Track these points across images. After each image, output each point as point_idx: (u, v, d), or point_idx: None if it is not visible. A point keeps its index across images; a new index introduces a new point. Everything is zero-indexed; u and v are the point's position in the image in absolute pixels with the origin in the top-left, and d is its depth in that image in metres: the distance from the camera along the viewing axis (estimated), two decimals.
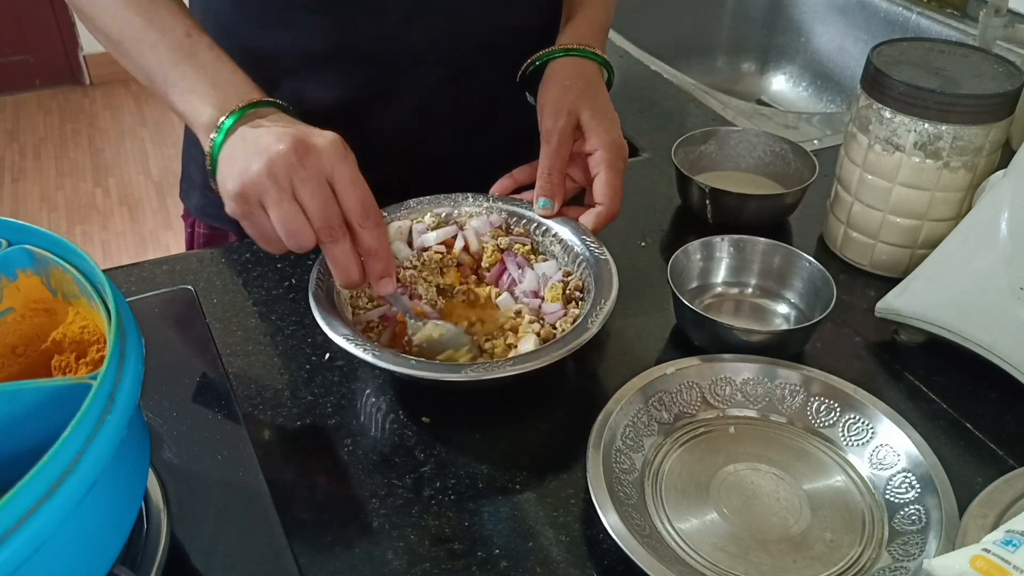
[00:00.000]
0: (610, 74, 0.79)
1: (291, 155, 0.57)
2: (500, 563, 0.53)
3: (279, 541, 0.54)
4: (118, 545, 0.45)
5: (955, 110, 0.69)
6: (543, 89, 0.75)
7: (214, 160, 0.62)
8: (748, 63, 1.54)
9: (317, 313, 0.62)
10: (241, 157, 0.59)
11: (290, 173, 0.57)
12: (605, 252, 0.69)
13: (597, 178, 0.71)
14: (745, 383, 0.63)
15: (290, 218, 0.58)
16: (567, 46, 0.76)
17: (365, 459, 0.60)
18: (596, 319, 0.62)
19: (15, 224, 0.51)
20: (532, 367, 0.59)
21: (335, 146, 0.59)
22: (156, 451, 0.59)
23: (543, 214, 0.73)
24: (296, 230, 0.58)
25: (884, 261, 0.78)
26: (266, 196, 0.58)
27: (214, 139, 0.61)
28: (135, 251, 2.59)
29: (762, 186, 0.88)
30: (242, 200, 0.59)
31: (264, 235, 0.60)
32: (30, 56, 3.35)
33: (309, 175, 0.58)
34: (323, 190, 0.58)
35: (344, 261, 0.60)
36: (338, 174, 0.59)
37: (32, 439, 0.42)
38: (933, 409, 0.65)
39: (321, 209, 0.58)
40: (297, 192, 0.58)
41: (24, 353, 0.54)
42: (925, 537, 0.52)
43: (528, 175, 0.75)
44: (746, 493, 0.57)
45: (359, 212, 0.60)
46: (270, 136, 0.59)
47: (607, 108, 0.74)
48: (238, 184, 0.58)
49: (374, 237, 0.61)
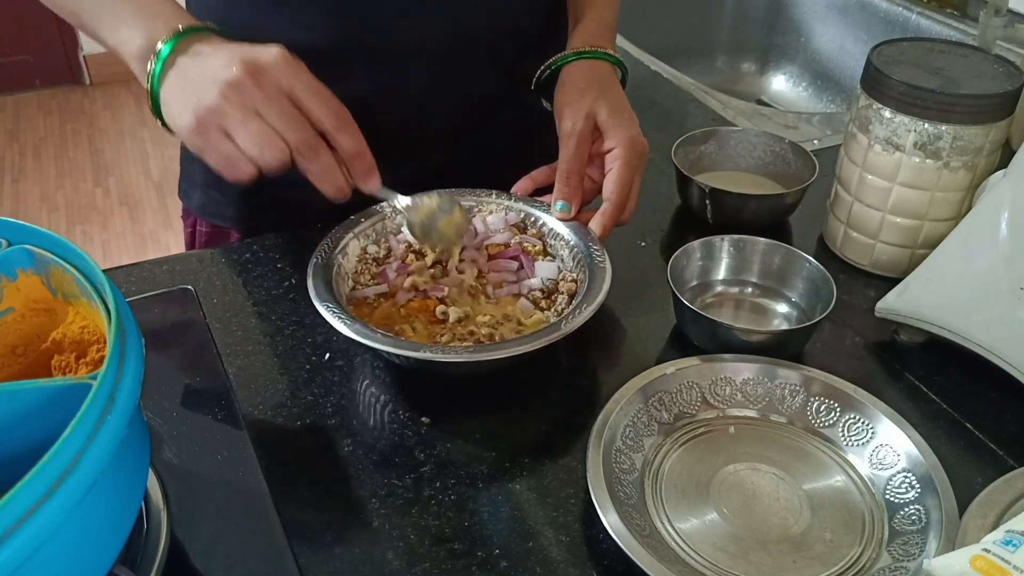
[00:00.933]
0: (624, 73, 0.79)
1: (244, 78, 0.56)
2: (500, 563, 0.53)
3: (279, 541, 0.54)
4: (118, 545, 0.45)
5: (955, 110, 0.69)
6: (559, 93, 0.75)
7: (155, 94, 0.60)
8: (748, 63, 1.54)
9: (311, 283, 0.63)
10: (190, 89, 0.58)
11: (249, 96, 0.56)
12: (606, 260, 0.68)
13: (609, 174, 0.71)
14: (745, 383, 0.63)
15: (259, 133, 0.56)
16: (579, 49, 0.77)
17: (365, 459, 0.60)
18: (579, 316, 0.62)
19: (15, 224, 0.51)
20: (511, 353, 0.59)
21: (285, 59, 0.58)
22: (156, 451, 0.59)
23: (560, 217, 0.72)
24: (268, 143, 0.57)
25: (884, 261, 0.78)
26: (227, 120, 0.56)
27: (152, 70, 0.60)
28: (135, 251, 2.59)
29: (762, 186, 0.88)
30: (201, 131, 0.57)
31: (229, 160, 0.58)
32: (30, 56, 3.35)
33: (269, 94, 0.56)
34: (288, 107, 0.57)
35: (330, 172, 0.59)
36: (299, 87, 0.57)
37: (32, 439, 0.42)
38: (933, 409, 0.65)
39: (293, 126, 0.57)
40: (262, 114, 0.56)
41: (24, 353, 0.54)
42: (925, 537, 0.52)
43: (547, 176, 0.75)
44: (746, 493, 0.57)
45: (331, 119, 0.59)
46: (215, 61, 0.58)
47: (624, 107, 0.73)
48: (193, 116, 0.57)
49: (351, 139, 0.60)
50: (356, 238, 0.71)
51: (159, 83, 0.60)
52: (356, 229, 0.72)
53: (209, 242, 0.91)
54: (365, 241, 0.72)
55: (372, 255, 0.72)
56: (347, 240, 0.71)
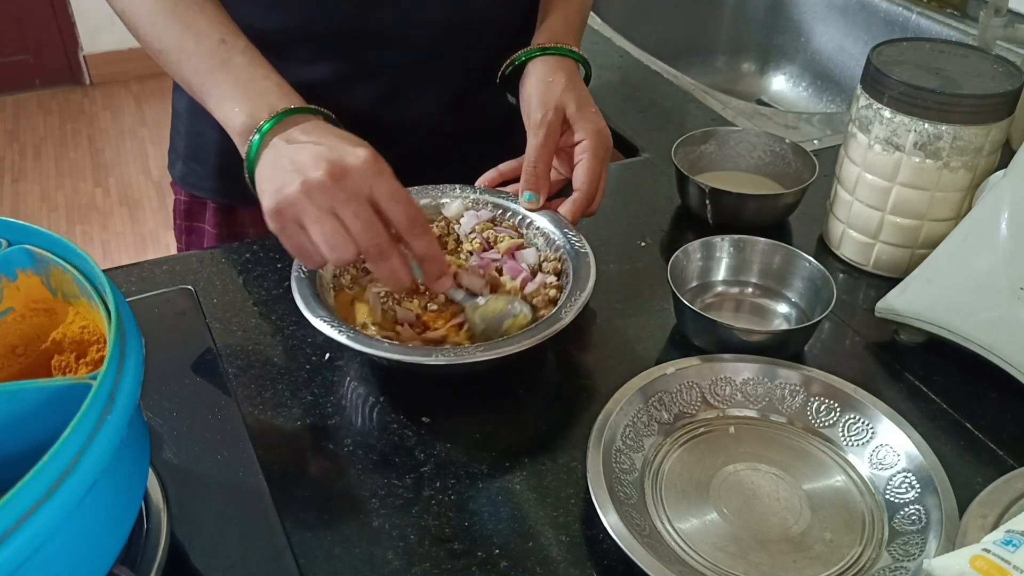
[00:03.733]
0: (588, 71, 0.80)
1: (326, 179, 0.57)
2: (500, 563, 0.53)
3: (279, 541, 0.54)
4: (118, 545, 0.45)
5: (955, 110, 0.69)
6: (525, 86, 0.76)
7: (251, 167, 0.62)
8: (748, 63, 1.54)
9: (298, 296, 0.63)
10: (277, 175, 0.60)
11: (328, 197, 0.57)
12: (584, 244, 0.69)
13: (579, 165, 0.72)
14: (745, 383, 0.63)
15: (332, 233, 0.58)
16: (544, 45, 0.78)
17: (365, 459, 0.60)
18: (570, 310, 0.62)
19: (15, 224, 0.51)
20: (500, 354, 0.59)
21: (369, 163, 0.59)
22: (156, 451, 0.59)
23: (528, 207, 0.73)
24: (339, 244, 0.58)
25: (884, 261, 0.78)
26: (304, 215, 0.58)
27: (251, 142, 0.62)
28: (135, 251, 2.59)
29: (762, 186, 0.88)
30: (279, 217, 0.59)
31: (302, 250, 0.60)
32: (30, 56, 3.34)
33: (348, 197, 0.58)
34: (365, 210, 0.58)
35: (397, 273, 0.60)
36: (378, 192, 0.59)
37: (32, 439, 0.42)
38: (933, 409, 0.65)
39: (365, 230, 0.58)
40: (339, 214, 0.58)
41: (24, 353, 0.54)
42: (925, 537, 0.52)
43: (514, 169, 0.76)
44: (746, 493, 0.57)
45: (407, 226, 0.60)
46: (304, 155, 0.59)
47: (590, 101, 0.75)
48: (274, 203, 0.59)
49: (425, 244, 0.61)
50: None
51: (255, 156, 0.62)
52: None
53: (187, 210, 0.93)
54: None
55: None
56: None
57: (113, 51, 3.31)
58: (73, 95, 3.41)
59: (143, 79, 3.38)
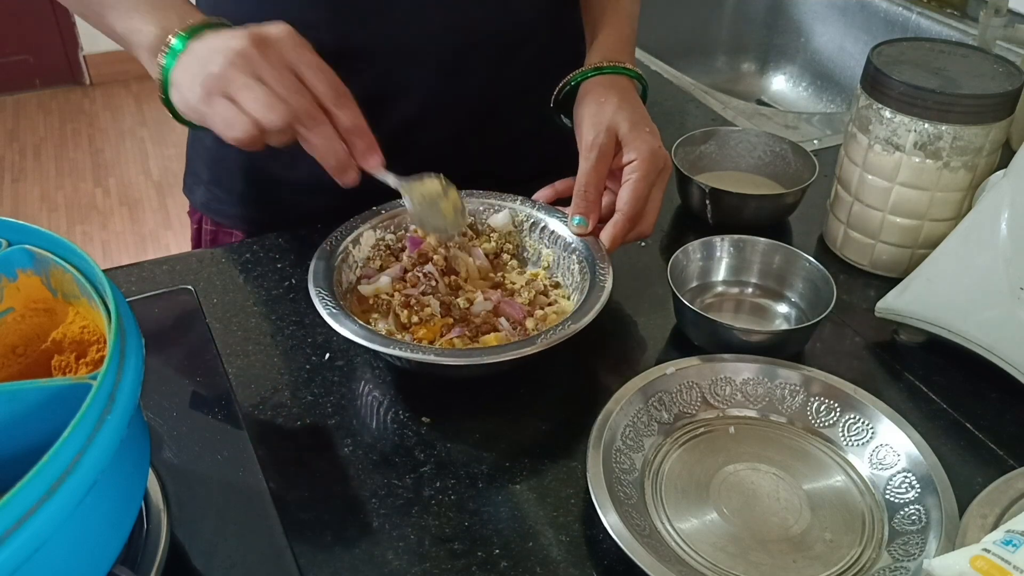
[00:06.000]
0: (644, 87, 0.79)
1: (250, 47, 0.57)
2: (500, 563, 0.53)
3: (279, 541, 0.54)
4: (118, 545, 0.45)
5: (955, 110, 0.69)
6: (579, 109, 0.75)
7: (166, 83, 0.61)
8: (748, 63, 1.54)
9: (312, 286, 0.63)
10: (197, 65, 0.59)
11: (254, 64, 0.57)
12: (608, 279, 0.66)
13: (624, 186, 0.69)
14: (745, 383, 0.63)
15: (263, 95, 0.57)
16: (598, 64, 0.76)
17: (365, 459, 0.60)
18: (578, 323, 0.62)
19: (15, 224, 0.51)
20: (501, 358, 0.59)
21: (291, 34, 0.59)
22: (156, 451, 0.59)
23: (577, 232, 0.71)
24: (271, 104, 0.57)
25: (884, 261, 0.78)
26: (231, 85, 0.57)
27: (163, 63, 0.61)
28: (135, 251, 2.59)
29: (762, 186, 0.88)
30: (207, 98, 0.58)
31: (231, 122, 0.59)
32: (30, 56, 3.35)
33: (273, 64, 0.57)
34: (291, 77, 0.58)
35: (330, 142, 0.60)
36: (302, 61, 0.58)
37: (32, 439, 0.42)
38: (933, 409, 0.65)
39: (294, 94, 0.57)
40: (266, 80, 0.57)
41: (24, 353, 0.54)
42: (925, 537, 0.52)
43: (568, 187, 0.74)
44: (746, 493, 0.57)
45: (332, 94, 0.59)
46: (221, 38, 0.59)
47: (645, 120, 0.73)
48: (201, 86, 0.58)
49: (351, 115, 0.60)
50: (373, 229, 0.72)
51: (170, 74, 0.61)
52: (374, 220, 0.72)
53: (214, 238, 0.91)
54: (383, 232, 0.73)
55: (387, 243, 0.73)
56: (362, 230, 0.71)
57: (113, 51, 3.31)
58: (73, 95, 3.42)
59: (143, 79, 3.38)
